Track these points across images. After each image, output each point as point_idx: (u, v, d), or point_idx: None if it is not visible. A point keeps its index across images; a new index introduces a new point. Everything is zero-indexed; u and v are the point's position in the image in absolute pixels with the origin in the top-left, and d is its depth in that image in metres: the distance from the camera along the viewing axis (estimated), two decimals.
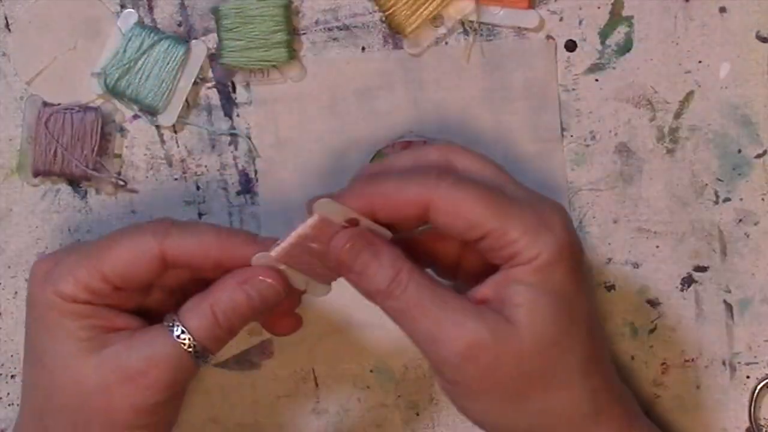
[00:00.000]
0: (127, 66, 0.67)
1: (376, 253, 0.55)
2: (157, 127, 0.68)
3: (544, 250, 0.54)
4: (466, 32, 0.68)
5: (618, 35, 0.68)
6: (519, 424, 0.56)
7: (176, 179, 0.69)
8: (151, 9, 0.68)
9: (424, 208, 0.54)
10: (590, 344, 0.56)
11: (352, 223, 0.55)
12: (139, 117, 0.68)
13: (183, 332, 0.56)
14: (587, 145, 0.68)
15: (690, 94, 0.68)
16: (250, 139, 0.68)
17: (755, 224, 0.68)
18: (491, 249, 0.54)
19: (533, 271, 0.54)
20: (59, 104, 0.67)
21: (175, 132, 0.69)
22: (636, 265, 0.68)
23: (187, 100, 0.68)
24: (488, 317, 0.54)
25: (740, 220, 0.68)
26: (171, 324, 0.56)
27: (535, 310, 0.54)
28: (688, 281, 0.68)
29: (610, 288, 0.68)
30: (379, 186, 0.56)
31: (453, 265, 0.59)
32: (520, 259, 0.54)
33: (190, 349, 0.56)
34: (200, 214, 0.69)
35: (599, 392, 0.56)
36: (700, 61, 0.68)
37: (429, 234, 0.58)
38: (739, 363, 0.68)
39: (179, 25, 0.68)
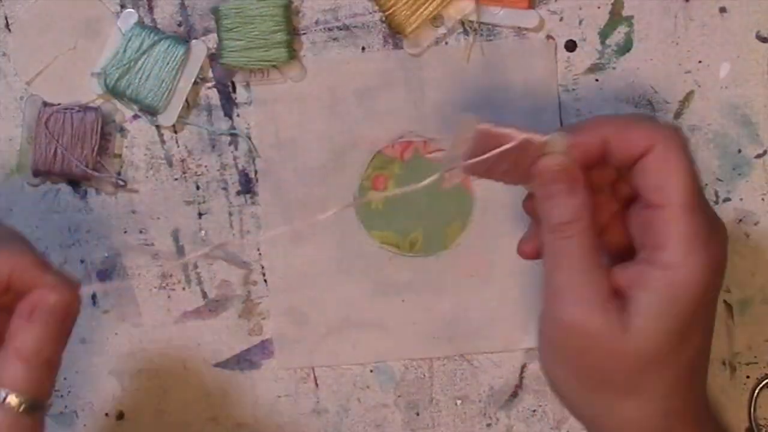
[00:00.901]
0: (127, 66, 0.67)
1: (572, 191, 0.54)
2: (157, 127, 0.68)
3: (690, 265, 0.52)
4: (466, 32, 0.68)
5: (618, 35, 0.68)
6: (588, 413, 0.55)
7: (176, 179, 0.69)
8: (151, 9, 0.68)
9: (645, 149, 0.53)
10: (689, 365, 0.54)
11: None
12: (139, 117, 0.68)
13: (6, 394, 0.51)
14: None
15: (690, 94, 0.68)
16: (250, 139, 0.68)
17: (755, 224, 0.68)
18: (654, 225, 0.53)
19: (668, 284, 0.52)
20: (59, 104, 0.67)
21: (175, 132, 0.69)
22: None
23: (187, 100, 0.68)
24: (610, 314, 0.52)
25: (740, 220, 0.68)
26: None
27: (654, 329, 0.52)
28: None
29: None
30: (614, 120, 0.55)
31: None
32: (663, 257, 0.52)
33: (22, 407, 0.51)
34: (200, 214, 0.69)
35: (675, 414, 0.54)
36: (700, 61, 0.68)
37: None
38: (739, 363, 0.68)
39: (179, 25, 0.68)
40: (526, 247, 0.57)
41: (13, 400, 0.51)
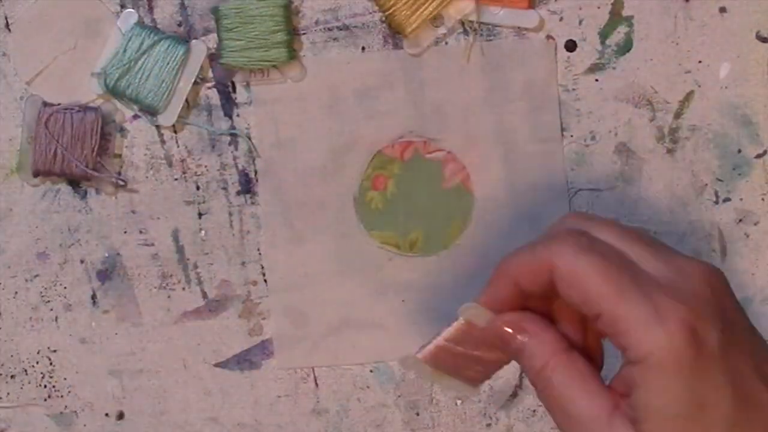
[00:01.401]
0: (127, 66, 0.67)
1: (535, 331, 0.51)
2: (157, 127, 0.68)
3: (653, 351, 0.48)
4: (466, 32, 0.68)
5: (618, 35, 0.68)
6: None
7: (176, 179, 0.69)
8: (151, 9, 0.68)
9: (549, 274, 0.50)
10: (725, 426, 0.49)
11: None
12: (139, 117, 0.68)
13: None
14: (587, 145, 0.68)
15: (690, 94, 0.68)
16: (250, 139, 0.68)
17: (755, 224, 0.68)
18: (607, 333, 0.50)
19: (646, 374, 0.48)
20: (59, 104, 0.67)
21: (175, 132, 0.69)
22: None
23: (187, 100, 0.68)
24: (617, 427, 0.49)
25: (740, 220, 0.68)
26: None
27: (662, 420, 0.48)
28: None
29: None
30: (511, 259, 0.52)
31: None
32: (629, 355, 0.49)
33: None
34: (200, 214, 0.69)
35: None
36: (700, 61, 0.68)
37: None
38: None
39: (179, 25, 0.68)
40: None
41: None
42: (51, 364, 0.69)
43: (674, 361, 0.47)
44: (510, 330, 0.52)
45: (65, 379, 0.69)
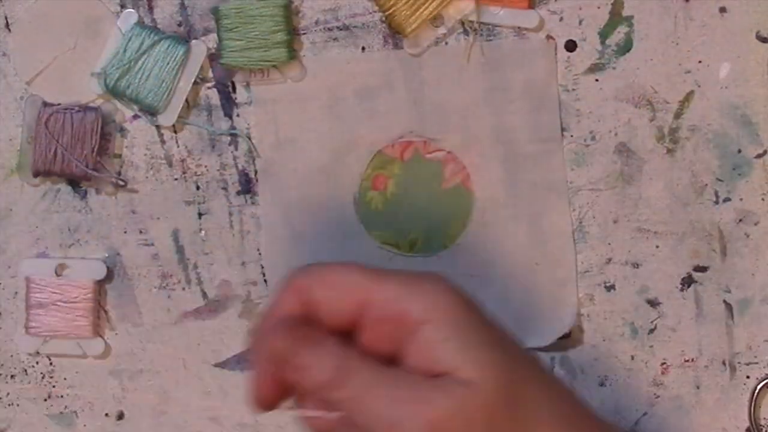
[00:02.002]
0: (127, 66, 0.67)
1: (316, 342, 0.50)
2: (157, 127, 0.68)
3: (436, 301, 0.50)
4: (466, 32, 0.68)
5: (618, 35, 0.68)
6: None
7: (176, 179, 0.69)
8: (151, 9, 0.68)
9: (302, 297, 0.50)
10: (550, 381, 0.51)
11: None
12: (139, 117, 0.68)
13: None
14: (587, 145, 0.68)
15: (690, 94, 0.68)
16: (250, 139, 0.68)
17: (755, 224, 0.68)
18: (384, 320, 0.49)
19: (441, 327, 0.49)
20: (59, 104, 0.67)
21: (175, 132, 0.69)
22: (636, 265, 0.68)
23: (187, 100, 0.68)
24: (447, 386, 0.48)
25: (740, 220, 0.68)
26: None
27: (475, 359, 0.48)
28: (688, 281, 0.68)
29: (610, 288, 0.68)
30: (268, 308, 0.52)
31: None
32: (409, 318, 0.49)
33: None
34: (200, 214, 0.69)
35: None
36: (700, 61, 0.68)
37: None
38: (739, 363, 0.68)
39: (179, 25, 0.68)
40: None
41: None
42: (51, 364, 0.69)
43: (447, 306, 0.50)
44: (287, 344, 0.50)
45: (65, 379, 0.69)
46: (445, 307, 0.50)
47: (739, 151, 0.68)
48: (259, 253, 0.69)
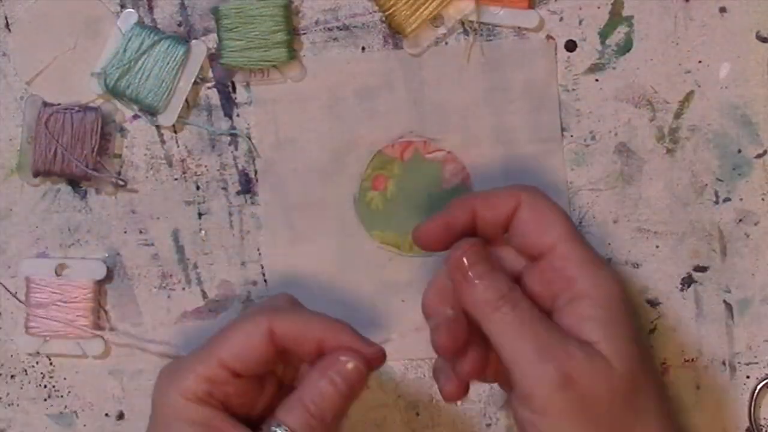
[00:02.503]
0: (127, 66, 0.67)
1: (493, 266, 0.57)
2: (157, 127, 0.68)
3: (602, 283, 0.56)
4: (466, 32, 0.68)
5: (618, 35, 0.68)
6: None
7: (176, 179, 0.69)
8: (151, 9, 0.68)
9: (514, 207, 0.58)
10: (660, 384, 0.58)
11: None
12: (139, 117, 0.68)
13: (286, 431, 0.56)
14: (587, 145, 0.68)
15: (690, 94, 0.68)
16: (250, 139, 0.68)
17: (755, 224, 0.68)
18: (553, 270, 0.57)
19: (599, 306, 0.56)
20: (59, 104, 0.67)
21: (175, 132, 0.69)
22: (636, 265, 0.68)
23: (187, 100, 0.68)
24: (591, 352, 0.55)
25: (740, 220, 0.68)
26: (274, 427, 0.56)
27: (616, 343, 0.55)
28: (688, 281, 0.68)
29: None
30: (476, 194, 0.60)
31: None
32: (579, 287, 0.56)
33: None
34: (200, 214, 0.69)
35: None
36: (700, 61, 0.68)
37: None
38: (739, 363, 0.68)
39: (179, 25, 0.68)
40: (450, 386, 0.59)
41: None
42: (51, 364, 0.69)
43: (618, 291, 0.57)
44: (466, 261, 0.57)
45: (65, 379, 0.69)
46: (608, 294, 0.56)
47: (739, 151, 0.68)
48: (259, 253, 0.69)
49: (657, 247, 0.68)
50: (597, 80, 0.68)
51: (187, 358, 0.58)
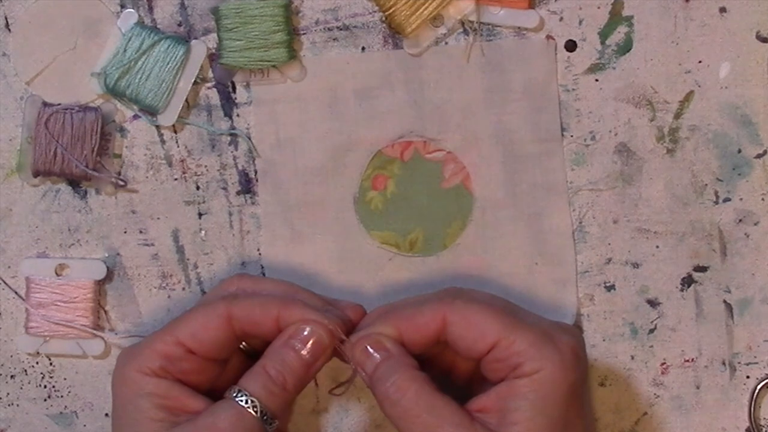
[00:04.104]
0: (127, 66, 0.67)
1: (386, 356, 0.59)
2: (157, 127, 0.68)
3: (547, 365, 0.57)
4: (466, 32, 0.68)
5: (618, 35, 0.68)
6: None
7: (176, 179, 0.69)
8: (151, 9, 0.68)
9: (441, 325, 0.59)
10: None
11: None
12: (139, 117, 0.68)
13: (246, 398, 0.58)
14: (587, 145, 0.68)
15: (690, 94, 0.68)
16: (250, 139, 0.68)
17: (755, 224, 0.68)
18: (498, 360, 0.58)
19: (534, 386, 0.57)
20: (59, 104, 0.67)
21: (175, 132, 0.69)
22: (636, 265, 0.68)
23: (187, 100, 0.68)
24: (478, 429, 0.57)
25: (740, 220, 0.68)
26: (234, 393, 0.59)
27: (534, 427, 0.56)
28: (688, 281, 0.68)
29: (610, 288, 0.68)
30: (401, 310, 0.60)
31: (466, 378, 0.63)
32: (523, 370, 0.57)
33: (257, 414, 0.58)
34: (200, 214, 0.69)
35: None
36: (700, 61, 0.68)
37: (444, 353, 0.62)
38: (739, 363, 0.68)
39: (179, 25, 0.68)
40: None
41: (251, 405, 0.58)
42: (51, 364, 0.69)
43: (561, 377, 0.57)
44: (370, 348, 0.59)
45: (65, 379, 0.69)
46: (546, 377, 0.57)
47: (739, 151, 0.68)
48: (259, 253, 0.69)
49: (657, 247, 0.68)
50: (597, 80, 0.68)
51: (145, 339, 0.61)
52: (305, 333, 0.59)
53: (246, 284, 0.63)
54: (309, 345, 0.59)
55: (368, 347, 0.59)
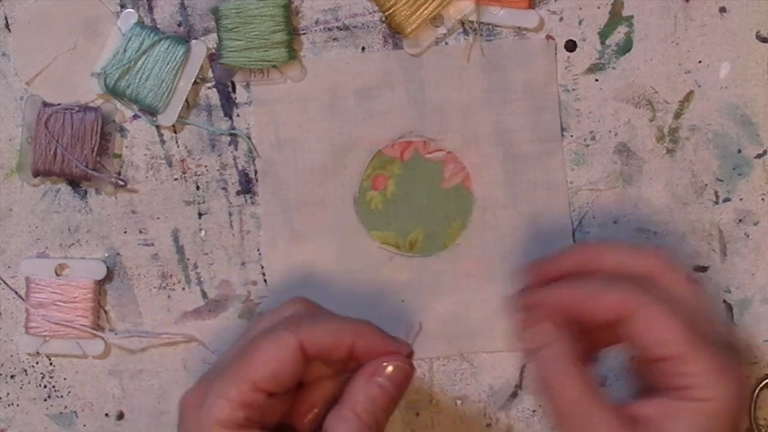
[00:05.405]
0: (127, 66, 0.67)
1: (549, 346, 0.57)
2: (157, 127, 0.68)
3: (721, 397, 0.54)
4: (466, 32, 0.68)
5: (618, 35, 0.68)
6: None
7: (176, 179, 0.69)
8: (151, 9, 0.68)
9: (622, 315, 0.56)
10: None
11: None
12: (139, 117, 0.68)
13: None
14: (587, 145, 0.68)
15: (690, 94, 0.68)
16: (250, 139, 0.68)
17: (755, 224, 0.68)
18: (668, 373, 0.55)
19: (703, 414, 0.54)
20: (59, 104, 0.67)
21: (175, 132, 0.69)
22: None
23: (187, 100, 0.68)
24: None
25: (740, 220, 0.68)
26: None
27: None
28: None
29: None
30: (586, 284, 0.57)
31: (603, 343, 0.60)
32: (694, 393, 0.54)
33: None
34: (200, 214, 0.69)
35: None
36: (700, 61, 0.68)
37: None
38: None
39: (179, 25, 0.68)
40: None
41: None
42: (51, 364, 0.69)
43: (729, 413, 0.54)
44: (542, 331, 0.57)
45: (65, 379, 0.69)
46: (720, 408, 0.54)
47: (739, 151, 0.68)
48: (259, 253, 0.69)
49: (657, 247, 0.68)
50: (597, 80, 0.68)
51: (215, 384, 0.56)
52: (389, 369, 0.57)
53: (299, 308, 0.60)
54: (395, 379, 0.57)
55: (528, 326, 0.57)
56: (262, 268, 0.69)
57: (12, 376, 0.69)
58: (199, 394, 0.56)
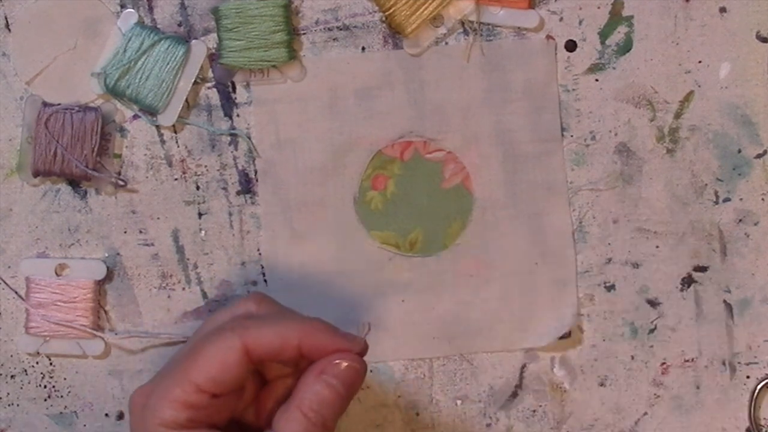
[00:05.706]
0: (127, 66, 0.67)
1: None
2: (157, 127, 0.68)
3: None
4: (466, 32, 0.68)
5: (618, 35, 0.68)
6: None
7: (176, 179, 0.69)
8: (151, 9, 0.68)
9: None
10: None
11: None
12: (139, 117, 0.68)
13: None
14: (587, 145, 0.68)
15: (690, 94, 0.68)
16: (250, 139, 0.68)
17: (755, 224, 0.68)
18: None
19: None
20: (59, 104, 0.67)
21: (175, 132, 0.69)
22: (636, 265, 0.68)
23: (187, 100, 0.68)
24: None
25: (740, 220, 0.68)
26: None
27: None
28: (688, 281, 0.68)
29: (610, 288, 0.68)
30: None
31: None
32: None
33: None
34: (200, 214, 0.69)
35: None
36: (700, 61, 0.68)
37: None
38: (739, 363, 0.68)
39: (179, 25, 0.68)
40: None
41: None
42: (51, 364, 0.69)
43: None
44: None
45: (65, 379, 0.69)
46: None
47: (739, 151, 0.68)
48: (259, 253, 0.69)
49: (657, 247, 0.68)
50: (597, 80, 0.68)
51: (160, 384, 0.56)
52: (340, 367, 0.56)
53: (251, 306, 0.60)
54: (345, 378, 0.56)
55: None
56: (262, 268, 0.69)
57: (12, 376, 0.69)
58: (147, 393, 0.57)
